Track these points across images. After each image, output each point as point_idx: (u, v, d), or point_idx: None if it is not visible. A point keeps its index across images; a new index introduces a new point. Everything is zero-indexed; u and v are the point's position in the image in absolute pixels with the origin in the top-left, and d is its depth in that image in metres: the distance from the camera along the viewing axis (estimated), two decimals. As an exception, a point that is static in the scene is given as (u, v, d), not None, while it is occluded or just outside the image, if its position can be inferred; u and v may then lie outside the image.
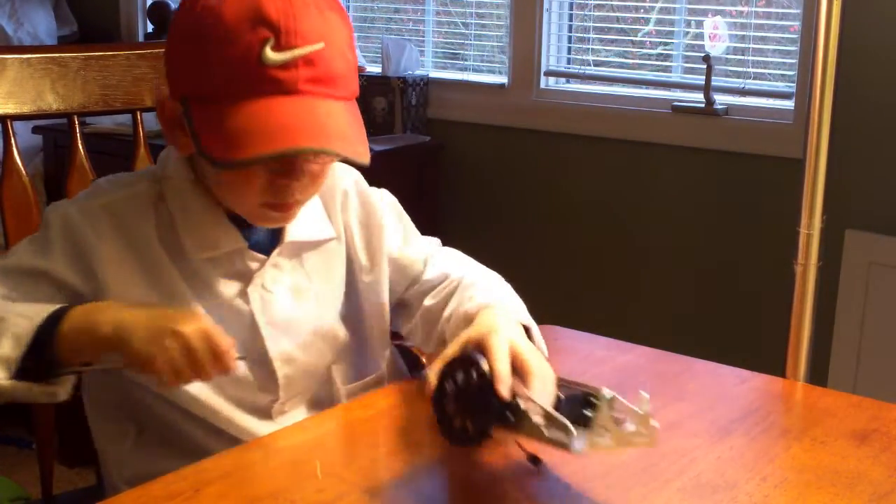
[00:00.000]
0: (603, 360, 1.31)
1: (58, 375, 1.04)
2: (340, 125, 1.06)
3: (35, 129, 2.80)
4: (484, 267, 1.27)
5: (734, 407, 1.19)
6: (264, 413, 1.18)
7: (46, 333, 1.03)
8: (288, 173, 1.08)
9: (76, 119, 1.43)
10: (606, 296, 2.77)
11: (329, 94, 1.06)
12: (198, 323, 1.01)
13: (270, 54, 1.02)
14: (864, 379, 2.33)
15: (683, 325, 2.65)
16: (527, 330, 1.13)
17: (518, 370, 1.01)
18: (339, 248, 1.23)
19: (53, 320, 1.04)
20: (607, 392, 0.95)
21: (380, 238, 1.24)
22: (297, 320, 1.19)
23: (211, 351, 1.00)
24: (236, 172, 1.08)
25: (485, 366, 0.99)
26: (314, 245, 1.21)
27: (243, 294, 1.16)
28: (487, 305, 1.13)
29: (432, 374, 1.02)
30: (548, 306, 2.79)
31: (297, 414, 1.20)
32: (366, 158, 1.06)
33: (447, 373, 1.01)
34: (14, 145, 1.38)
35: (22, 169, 1.39)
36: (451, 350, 1.05)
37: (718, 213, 2.59)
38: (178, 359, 1.00)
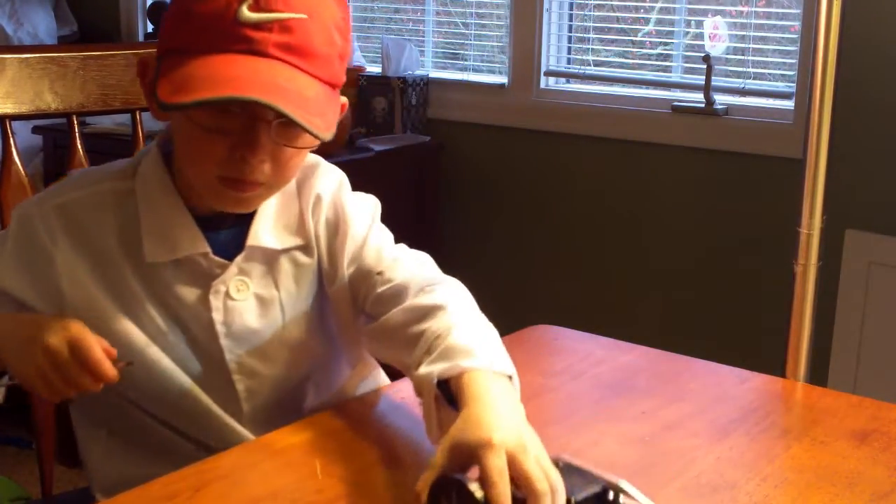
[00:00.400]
0: (603, 360, 1.31)
1: None
2: (301, 93, 1.01)
3: (35, 130, 2.80)
4: (444, 275, 1.16)
5: (734, 407, 1.19)
6: (237, 421, 1.15)
7: None
8: (246, 145, 1.02)
9: (75, 119, 1.43)
10: (606, 296, 2.77)
11: (301, 66, 1.02)
12: (65, 332, 0.98)
13: (246, 12, 0.99)
14: (864, 379, 2.33)
15: (683, 325, 2.65)
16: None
17: (520, 487, 0.86)
18: (309, 256, 1.16)
19: None
20: (625, 485, 0.88)
21: (343, 245, 1.16)
22: (262, 331, 1.13)
23: (80, 362, 0.97)
24: (198, 140, 1.04)
25: (479, 494, 0.85)
26: (281, 253, 1.14)
27: (204, 301, 1.11)
28: (468, 370, 0.96)
29: (422, 487, 0.89)
30: (548, 306, 2.83)
31: (270, 426, 1.12)
32: (323, 132, 1.01)
33: (439, 492, 0.88)
34: (13, 145, 1.38)
35: (22, 169, 1.39)
36: (440, 460, 0.89)
37: (718, 213, 2.59)
38: (49, 373, 0.97)
